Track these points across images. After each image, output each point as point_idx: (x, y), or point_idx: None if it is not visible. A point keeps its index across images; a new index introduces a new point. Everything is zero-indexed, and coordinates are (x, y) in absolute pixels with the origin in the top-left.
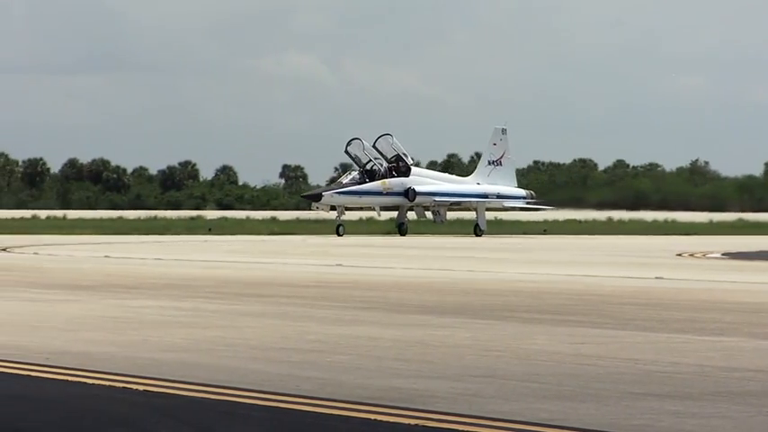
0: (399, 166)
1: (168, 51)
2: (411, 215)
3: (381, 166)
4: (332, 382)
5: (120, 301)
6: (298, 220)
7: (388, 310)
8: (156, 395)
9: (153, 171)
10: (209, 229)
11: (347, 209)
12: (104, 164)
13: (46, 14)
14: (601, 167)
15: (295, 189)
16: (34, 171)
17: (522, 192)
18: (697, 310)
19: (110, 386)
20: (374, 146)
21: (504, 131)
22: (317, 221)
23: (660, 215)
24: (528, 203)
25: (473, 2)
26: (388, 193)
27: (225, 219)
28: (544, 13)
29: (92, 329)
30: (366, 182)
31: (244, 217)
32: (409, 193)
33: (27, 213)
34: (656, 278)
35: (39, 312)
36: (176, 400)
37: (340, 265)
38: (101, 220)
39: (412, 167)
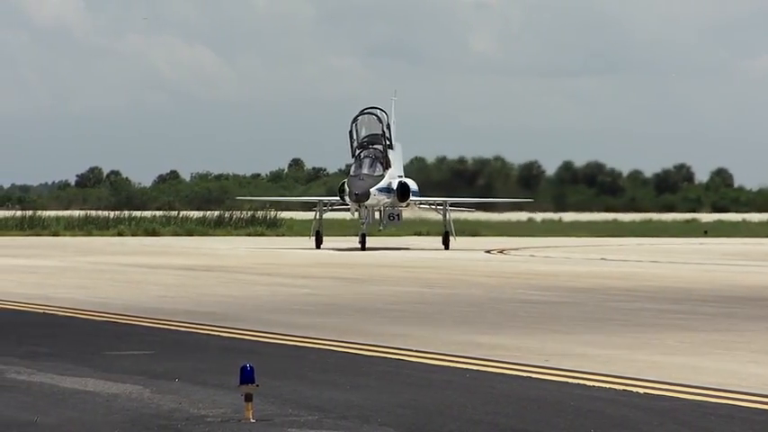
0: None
1: (664, 52)
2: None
3: (381, 149)
4: None
5: (617, 304)
6: None
7: None
8: (657, 398)
9: (647, 174)
10: (705, 232)
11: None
12: (599, 167)
13: (544, 17)
14: None
15: None
16: (529, 174)
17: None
18: None
19: (610, 388)
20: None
21: (393, 103)
22: None
23: None
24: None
25: None
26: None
27: (720, 222)
28: None
29: (590, 331)
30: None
31: (739, 219)
32: (399, 190)
33: (523, 216)
34: None
35: (542, 315)
36: (677, 402)
37: None
38: (595, 222)
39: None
